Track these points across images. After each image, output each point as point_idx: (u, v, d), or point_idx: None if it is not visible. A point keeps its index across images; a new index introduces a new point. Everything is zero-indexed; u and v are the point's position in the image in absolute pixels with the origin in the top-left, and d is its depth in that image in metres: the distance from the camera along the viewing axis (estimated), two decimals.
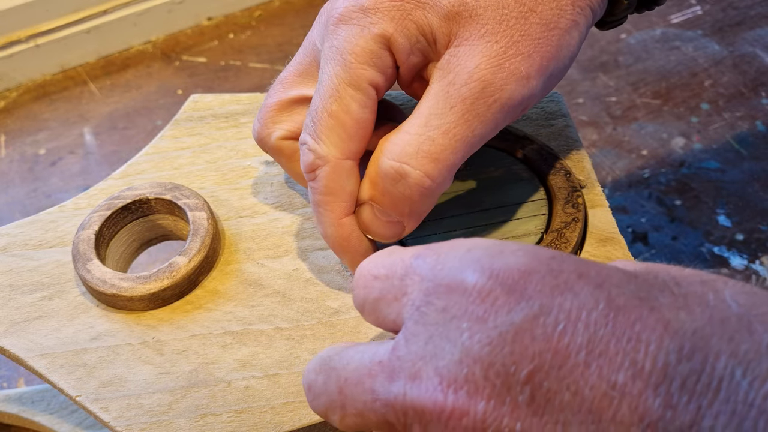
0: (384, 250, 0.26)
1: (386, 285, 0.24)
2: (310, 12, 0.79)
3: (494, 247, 0.22)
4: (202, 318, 0.34)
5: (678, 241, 0.59)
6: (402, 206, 0.31)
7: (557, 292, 0.20)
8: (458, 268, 0.22)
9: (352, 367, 0.23)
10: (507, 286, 0.21)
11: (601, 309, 0.20)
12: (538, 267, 0.21)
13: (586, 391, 0.19)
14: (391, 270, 0.24)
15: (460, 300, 0.21)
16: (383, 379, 0.22)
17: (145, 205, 0.37)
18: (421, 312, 0.22)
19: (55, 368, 0.33)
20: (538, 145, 0.39)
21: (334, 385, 0.24)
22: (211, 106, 0.43)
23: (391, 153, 0.30)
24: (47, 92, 0.73)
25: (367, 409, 0.22)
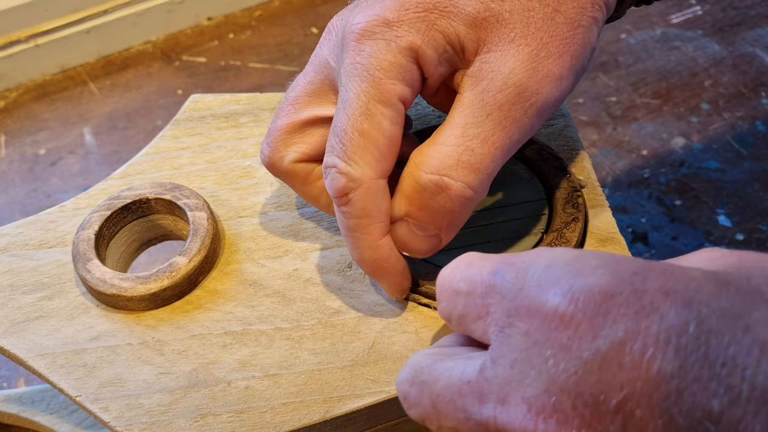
0: (461, 260, 0.25)
1: (469, 302, 0.24)
2: (310, 12, 0.79)
3: (573, 264, 0.22)
4: (202, 318, 0.34)
5: (678, 241, 0.59)
6: (441, 219, 0.30)
7: (643, 314, 0.19)
8: (538, 289, 0.21)
9: (442, 384, 0.23)
10: (589, 310, 0.20)
11: (692, 332, 0.19)
12: (621, 287, 0.20)
13: (680, 420, 0.18)
14: (472, 286, 0.24)
15: (541, 325, 0.21)
16: (473, 400, 0.22)
17: (145, 205, 0.37)
18: (505, 334, 0.22)
19: (55, 368, 0.33)
20: (538, 145, 0.39)
21: (428, 399, 0.24)
22: (211, 106, 0.43)
23: (429, 166, 0.29)
24: (47, 92, 0.73)
25: (461, 426, 0.23)
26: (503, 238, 0.36)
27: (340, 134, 0.30)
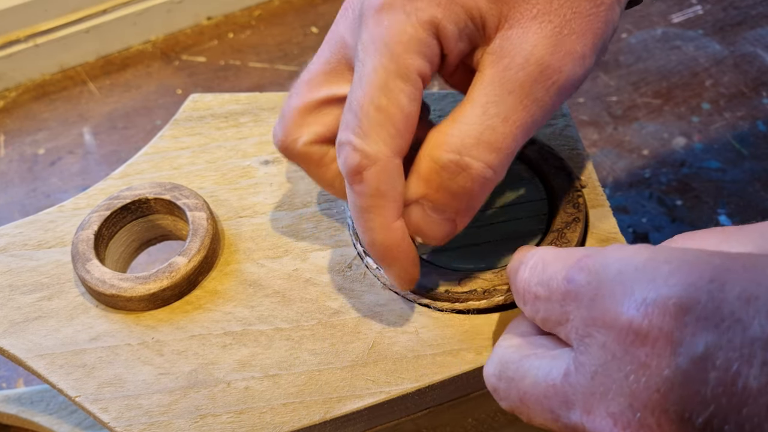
0: (537, 259, 0.26)
1: (548, 307, 0.24)
2: (310, 11, 0.78)
3: (645, 270, 0.21)
4: (201, 318, 0.34)
5: None
6: (459, 202, 0.29)
7: (723, 327, 0.19)
8: (611, 300, 0.21)
9: (529, 382, 0.24)
10: (665, 325, 0.19)
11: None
12: (698, 297, 0.19)
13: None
14: (549, 291, 0.24)
15: (617, 339, 0.20)
16: (560, 404, 0.22)
17: (145, 205, 0.37)
18: (584, 343, 0.22)
19: (55, 369, 0.33)
20: (538, 145, 0.39)
21: (516, 395, 0.24)
22: (210, 106, 0.43)
23: (448, 145, 0.28)
24: (46, 92, 0.73)
25: (550, 424, 0.23)
26: (503, 238, 0.36)
27: (356, 110, 0.28)
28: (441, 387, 0.33)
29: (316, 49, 0.34)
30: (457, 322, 0.33)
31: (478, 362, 0.32)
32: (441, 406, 0.35)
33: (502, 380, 0.25)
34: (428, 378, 0.32)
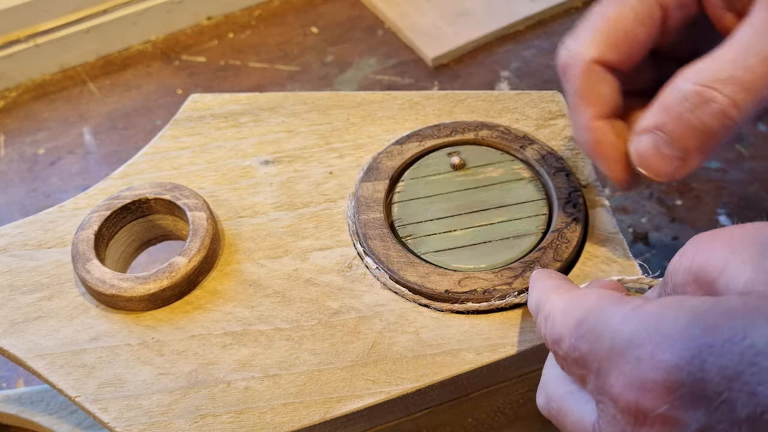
0: (546, 311, 0.26)
1: (569, 363, 0.25)
2: (310, 11, 0.78)
3: (633, 345, 0.21)
4: (201, 318, 0.34)
5: (679, 241, 0.58)
6: (694, 138, 0.28)
7: (713, 407, 0.19)
8: (611, 377, 0.22)
9: (569, 421, 0.25)
10: (659, 406, 0.20)
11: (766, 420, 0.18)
12: (681, 378, 0.19)
13: None
14: (564, 352, 0.24)
15: (623, 414, 0.21)
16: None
17: (145, 205, 0.37)
18: (600, 408, 0.23)
19: (55, 369, 0.33)
20: (538, 145, 0.39)
21: (560, 424, 0.26)
22: (210, 106, 0.43)
23: (697, 77, 0.28)
24: (46, 92, 0.73)
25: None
26: (503, 238, 0.36)
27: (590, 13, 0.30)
28: (441, 387, 0.33)
29: (316, 49, 0.34)
30: (457, 322, 0.33)
31: (478, 362, 0.32)
32: (441, 406, 0.35)
33: (551, 412, 0.26)
34: (428, 378, 0.32)
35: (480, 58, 0.72)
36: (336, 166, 0.39)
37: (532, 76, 0.71)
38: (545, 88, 0.70)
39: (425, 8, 0.75)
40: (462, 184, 0.38)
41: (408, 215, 0.37)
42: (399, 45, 0.74)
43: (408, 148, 0.39)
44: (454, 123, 0.40)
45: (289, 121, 0.42)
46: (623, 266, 0.35)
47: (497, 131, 0.39)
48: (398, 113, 0.42)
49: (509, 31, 0.74)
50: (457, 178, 0.38)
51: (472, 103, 0.42)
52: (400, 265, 0.35)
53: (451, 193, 0.38)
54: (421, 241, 0.36)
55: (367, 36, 0.75)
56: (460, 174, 0.38)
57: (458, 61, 0.72)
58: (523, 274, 0.34)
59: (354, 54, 0.73)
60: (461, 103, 0.42)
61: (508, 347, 0.32)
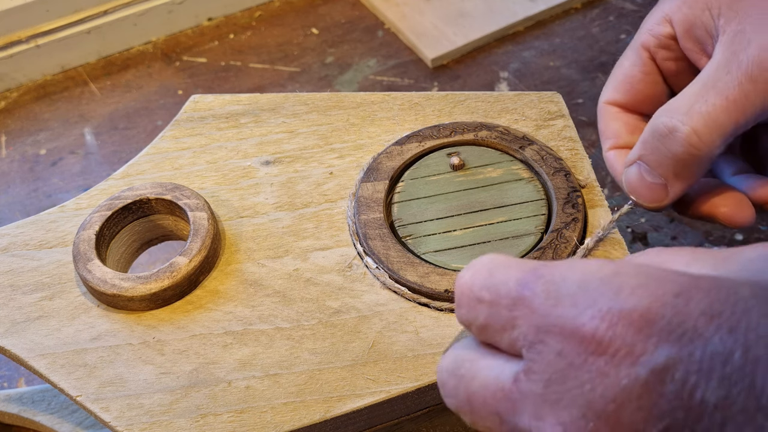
0: (483, 265, 0.24)
1: (492, 312, 0.23)
2: (310, 12, 0.79)
3: (610, 283, 0.20)
4: (202, 318, 0.34)
5: (677, 241, 0.59)
6: (667, 165, 0.33)
7: (685, 340, 0.19)
8: (573, 309, 0.20)
9: (479, 383, 0.23)
10: (629, 336, 0.19)
11: (737, 360, 0.18)
12: (662, 310, 0.19)
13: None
14: (496, 296, 0.23)
15: (577, 348, 0.20)
16: (508, 408, 0.22)
17: (146, 206, 0.38)
18: (536, 350, 0.21)
19: (56, 368, 0.33)
20: (538, 145, 0.39)
21: (463, 394, 0.24)
22: (211, 107, 0.43)
23: (663, 111, 0.32)
24: (48, 92, 0.73)
25: (495, 427, 0.23)
26: (503, 238, 0.36)
27: None
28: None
29: (316, 50, 0.34)
30: (457, 321, 0.33)
31: None
32: (441, 405, 0.35)
33: (453, 376, 0.24)
34: (428, 377, 0.32)
35: (479, 58, 0.72)
36: (336, 167, 0.40)
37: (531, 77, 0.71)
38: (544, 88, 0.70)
39: (425, 9, 0.75)
40: (461, 185, 0.38)
41: (408, 215, 0.37)
42: (399, 46, 0.74)
43: (408, 149, 0.39)
44: (453, 123, 0.40)
45: (289, 121, 0.42)
46: None
47: (496, 132, 0.40)
48: (398, 114, 0.42)
49: (508, 32, 0.74)
50: (456, 179, 0.38)
51: (472, 103, 0.42)
52: (400, 265, 0.35)
53: (451, 193, 0.38)
54: (420, 241, 0.36)
55: (367, 37, 0.75)
56: (459, 174, 0.38)
57: (458, 62, 0.72)
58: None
59: (354, 55, 0.73)
60: (461, 104, 0.42)
61: None
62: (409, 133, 0.40)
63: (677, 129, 0.31)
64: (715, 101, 0.31)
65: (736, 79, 0.31)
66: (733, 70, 0.31)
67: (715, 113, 0.31)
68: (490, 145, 0.39)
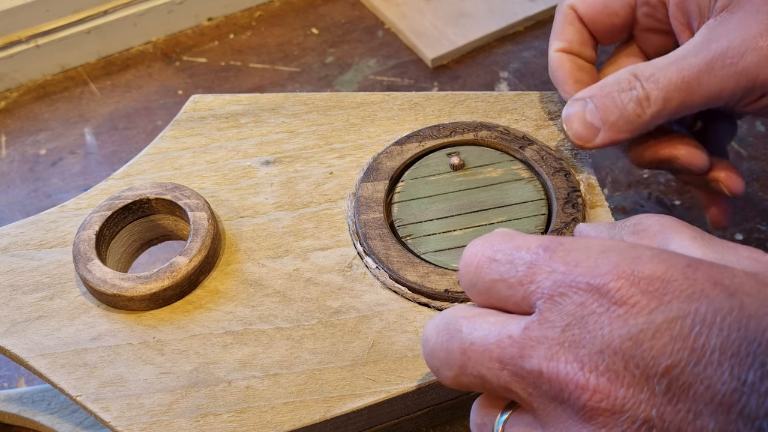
0: (500, 233, 0.26)
1: (508, 269, 0.25)
2: (311, 13, 0.79)
3: (630, 252, 0.24)
4: (202, 318, 0.34)
5: None
6: (613, 113, 0.35)
7: (694, 298, 0.22)
8: (596, 269, 0.23)
9: (480, 334, 0.25)
10: (647, 292, 0.22)
11: (735, 315, 0.22)
12: (675, 275, 0.23)
13: (719, 386, 0.21)
14: (514, 256, 0.25)
15: (600, 300, 0.23)
16: (513, 353, 0.24)
17: (146, 206, 0.38)
18: (554, 301, 0.24)
19: (56, 368, 0.33)
20: (537, 145, 0.39)
21: (457, 346, 0.25)
22: (211, 107, 0.43)
23: (633, 69, 0.35)
24: (48, 92, 0.73)
25: (491, 374, 0.24)
26: None
27: None
28: (441, 386, 0.33)
29: (316, 49, 0.34)
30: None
31: None
32: (441, 405, 0.35)
33: (443, 331, 0.26)
34: (428, 377, 0.32)
35: (479, 58, 0.72)
36: (336, 167, 0.40)
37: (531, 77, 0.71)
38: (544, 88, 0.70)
39: (425, 9, 0.75)
40: (461, 184, 0.38)
41: (408, 215, 0.37)
42: (399, 46, 0.74)
43: (408, 149, 0.39)
44: (453, 123, 0.40)
45: (289, 121, 0.42)
46: None
47: (496, 131, 0.40)
48: (398, 114, 0.42)
49: (508, 32, 0.74)
50: (456, 179, 0.38)
51: (472, 103, 0.42)
52: (400, 265, 0.35)
53: (451, 193, 0.38)
54: (420, 241, 0.36)
55: (367, 37, 0.75)
56: (459, 174, 0.38)
57: (458, 62, 0.72)
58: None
59: (354, 55, 0.73)
60: (461, 104, 0.42)
61: None
62: (409, 133, 0.40)
63: (635, 88, 0.34)
64: (672, 77, 0.34)
65: (698, 64, 0.34)
66: (700, 55, 0.34)
67: (668, 88, 0.34)
68: (490, 145, 0.39)
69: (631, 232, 0.29)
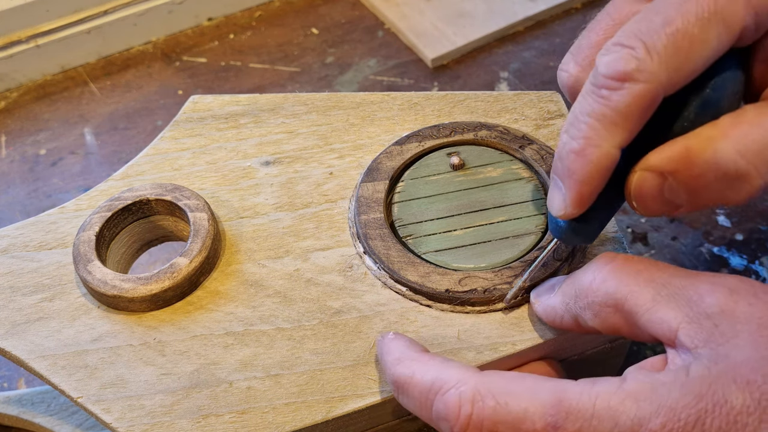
0: (472, 392, 0.27)
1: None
2: (311, 13, 0.79)
3: (634, 419, 0.24)
4: (203, 319, 0.34)
5: (678, 241, 0.59)
6: (701, 195, 0.28)
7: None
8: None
9: None
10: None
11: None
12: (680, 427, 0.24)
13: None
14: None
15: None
16: None
17: (146, 206, 0.38)
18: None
19: (57, 370, 0.33)
20: (537, 144, 0.39)
21: None
22: (210, 107, 0.43)
23: (736, 146, 0.26)
24: (48, 92, 0.73)
25: None
26: (504, 237, 0.36)
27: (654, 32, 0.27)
28: None
29: (316, 50, 0.34)
30: (458, 321, 0.34)
31: (479, 361, 0.32)
32: None
33: None
34: None
35: (479, 59, 0.72)
36: (336, 167, 0.40)
37: (531, 77, 0.71)
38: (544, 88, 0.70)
39: (425, 9, 0.75)
40: (461, 184, 0.38)
41: (408, 215, 0.37)
42: (399, 46, 0.74)
43: (408, 149, 0.39)
44: (453, 123, 0.40)
45: (289, 122, 0.42)
46: None
47: (496, 131, 0.40)
48: (398, 114, 0.42)
49: (508, 32, 0.74)
50: (456, 178, 0.38)
51: (472, 103, 0.42)
52: (401, 265, 0.35)
53: (451, 193, 0.38)
54: (421, 241, 0.36)
55: (367, 37, 0.75)
56: (459, 174, 0.38)
57: (458, 62, 0.72)
58: (523, 274, 0.34)
59: (354, 55, 0.73)
60: (460, 104, 0.42)
61: (508, 346, 0.33)
62: (409, 133, 0.40)
63: (749, 174, 0.27)
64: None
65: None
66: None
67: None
68: (490, 145, 0.39)
69: (593, 315, 0.28)
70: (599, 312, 0.28)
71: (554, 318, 0.31)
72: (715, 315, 0.25)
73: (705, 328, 0.25)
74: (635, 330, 0.27)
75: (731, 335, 0.24)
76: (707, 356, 0.24)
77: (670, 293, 0.26)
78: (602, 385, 0.25)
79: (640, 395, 0.24)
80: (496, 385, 0.26)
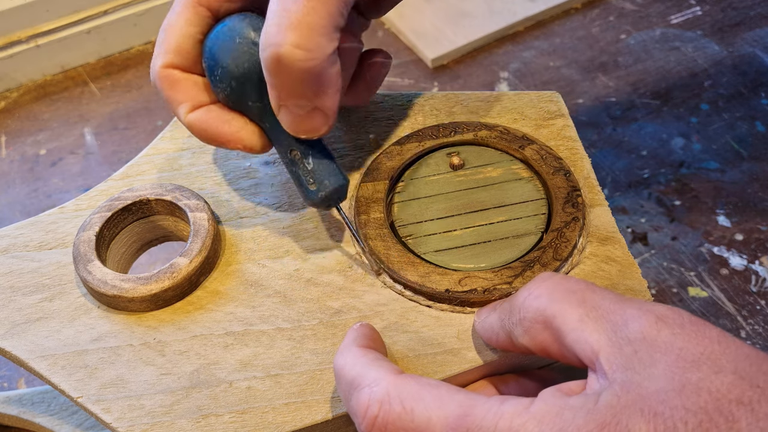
0: (383, 395, 0.27)
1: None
2: None
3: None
4: (203, 319, 0.34)
5: (677, 241, 0.59)
6: (299, 90, 0.30)
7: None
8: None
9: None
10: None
11: None
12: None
13: None
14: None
15: None
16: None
17: (146, 206, 0.38)
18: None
19: (57, 369, 0.33)
20: (537, 144, 0.39)
21: None
22: None
23: (262, 43, 0.29)
24: (48, 92, 0.73)
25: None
26: (503, 237, 0.36)
27: None
28: None
29: None
30: (458, 321, 0.34)
31: (479, 361, 0.32)
32: None
33: None
34: (430, 376, 0.32)
35: (479, 59, 0.72)
36: None
37: (531, 77, 0.71)
38: (544, 88, 0.70)
39: (425, 9, 0.75)
40: (461, 184, 0.38)
41: (408, 215, 0.37)
42: (399, 46, 0.74)
43: (408, 149, 0.39)
44: (453, 123, 0.40)
45: None
46: (623, 266, 0.35)
47: (496, 131, 0.40)
48: (397, 114, 0.42)
49: (508, 32, 0.74)
50: (456, 178, 0.38)
51: (471, 103, 0.42)
52: (401, 265, 0.35)
53: (451, 193, 0.38)
54: (421, 241, 0.36)
55: (367, 37, 0.75)
56: (459, 174, 0.38)
57: (458, 62, 0.72)
58: (522, 274, 0.34)
59: None
60: (460, 104, 0.42)
61: None
62: (409, 133, 0.40)
63: (282, 55, 0.29)
64: (295, 8, 0.28)
65: None
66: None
67: (303, 18, 0.28)
68: (490, 145, 0.39)
69: (523, 331, 0.28)
70: (529, 328, 0.28)
71: (491, 335, 0.31)
72: (636, 341, 0.25)
73: (624, 354, 0.25)
74: (563, 350, 0.27)
75: (648, 363, 0.24)
76: (620, 383, 0.24)
77: (598, 315, 0.26)
78: (510, 405, 0.25)
79: (544, 419, 0.24)
80: (408, 390, 0.26)
